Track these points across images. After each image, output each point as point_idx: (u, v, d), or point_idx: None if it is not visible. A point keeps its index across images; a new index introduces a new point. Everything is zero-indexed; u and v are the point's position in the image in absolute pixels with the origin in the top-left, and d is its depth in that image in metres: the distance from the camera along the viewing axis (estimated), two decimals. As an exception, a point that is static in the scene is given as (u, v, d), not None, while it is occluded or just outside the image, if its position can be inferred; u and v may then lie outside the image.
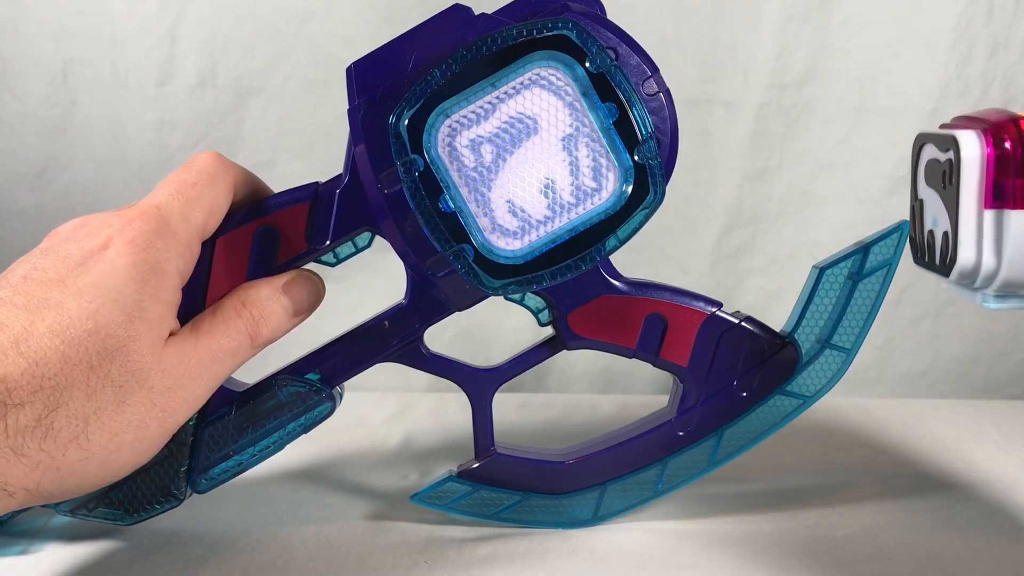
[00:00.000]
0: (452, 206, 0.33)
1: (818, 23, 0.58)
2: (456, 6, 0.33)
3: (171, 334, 0.32)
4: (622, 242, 0.33)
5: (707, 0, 0.57)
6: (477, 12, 0.33)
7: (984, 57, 0.59)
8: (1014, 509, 0.41)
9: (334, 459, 0.36)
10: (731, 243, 0.62)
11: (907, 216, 0.37)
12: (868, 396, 0.62)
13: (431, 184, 0.32)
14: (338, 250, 0.36)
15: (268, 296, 0.34)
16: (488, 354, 0.60)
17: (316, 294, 0.36)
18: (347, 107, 0.33)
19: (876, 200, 0.61)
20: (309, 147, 0.59)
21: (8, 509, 0.29)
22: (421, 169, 0.32)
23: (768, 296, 0.62)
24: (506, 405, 0.56)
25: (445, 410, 0.56)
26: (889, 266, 0.37)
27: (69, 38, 0.55)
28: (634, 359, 0.38)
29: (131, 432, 0.30)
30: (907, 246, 0.36)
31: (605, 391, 0.63)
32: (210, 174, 0.33)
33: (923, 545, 0.37)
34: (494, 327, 0.61)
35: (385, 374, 0.45)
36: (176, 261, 0.32)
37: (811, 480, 0.45)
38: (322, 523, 0.40)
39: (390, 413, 0.55)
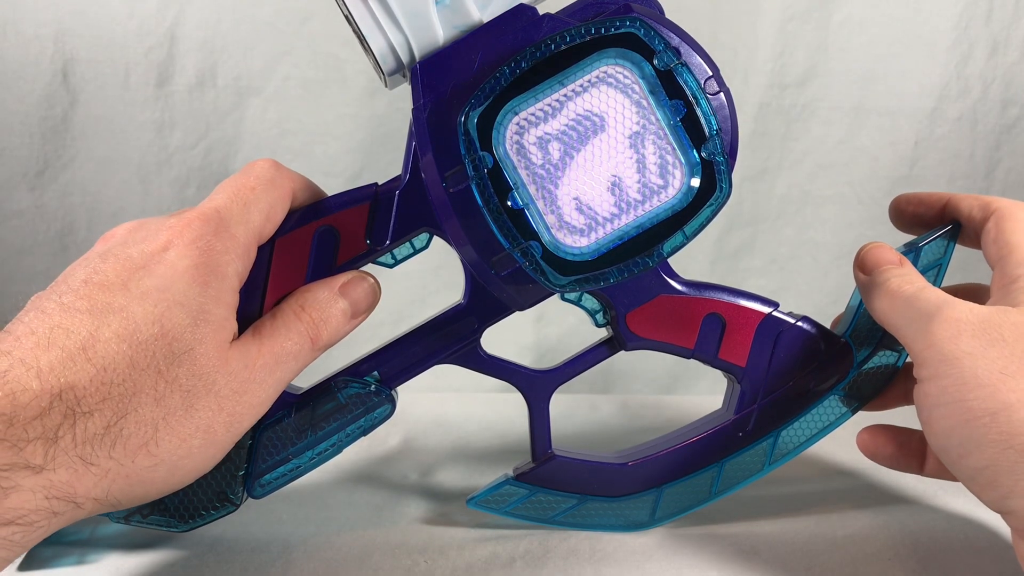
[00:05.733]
0: (521, 203, 0.33)
1: (818, 23, 0.58)
2: (521, 6, 0.33)
3: (233, 337, 0.31)
4: (688, 238, 0.33)
5: (707, 0, 0.57)
6: (541, 12, 0.33)
7: (984, 57, 0.59)
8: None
9: (334, 459, 0.36)
10: (731, 243, 0.62)
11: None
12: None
13: (499, 181, 0.32)
14: (396, 251, 0.36)
15: (326, 299, 0.34)
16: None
17: (373, 295, 0.35)
18: (412, 106, 0.33)
19: (876, 200, 0.61)
20: (309, 147, 0.59)
21: (75, 519, 0.28)
22: (490, 166, 0.32)
23: (768, 296, 0.62)
24: (506, 405, 0.56)
25: (445, 410, 0.56)
26: (940, 266, 0.37)
27: (69, 38, 0.55)
28: (692, 359, 0.38)
29: (199, 437, 0.30)
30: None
31: (605, 391, 0.63)
32: (268, 179, 0.33)
33: (923, 545, 0.37)
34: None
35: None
36: (235, 263, 0.31)
37: (811, 480, 0.45)
38: (322, 523, 0.40)
39: (390, 413, 0.55)
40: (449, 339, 0.37)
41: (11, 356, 0.27)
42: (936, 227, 0.37)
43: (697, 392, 0.64)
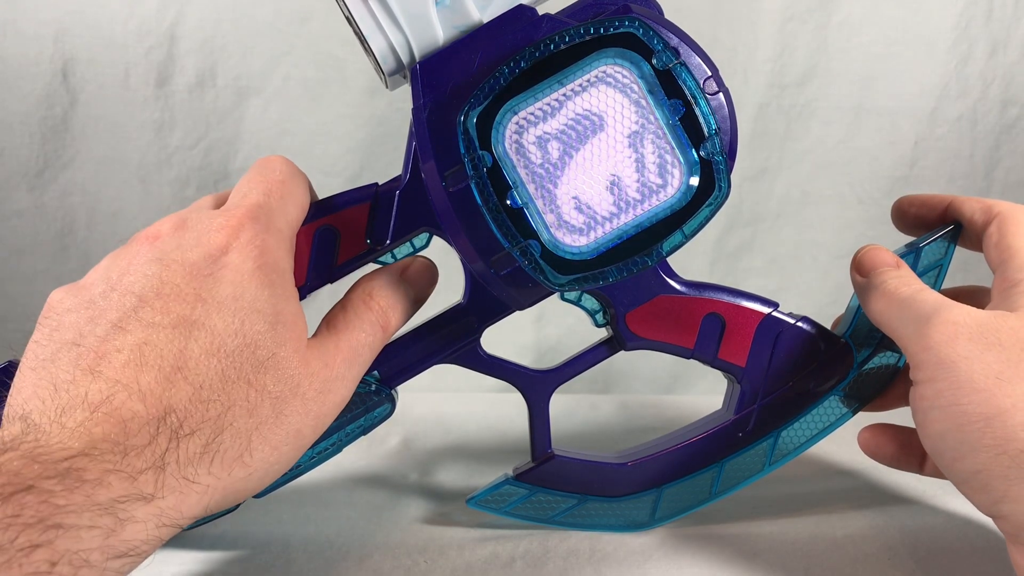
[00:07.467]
0: (520, 202, 0.33)
1: (818, 23, 0.58)
2: (520, 6, 0.33)
3: (306, 331, 0.31)
4: (687, 238, 0.33)
5: (707, 0, 0.57)
6: (540, 12, 0.33)
7: (984, 57, 0.59)
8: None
9: (333, 459, 0.36)
10: (731, 243, 0.62)
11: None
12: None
13: (499, 180, 0.32)
14: (396, 251, 0.36)
15: (392, 285, 0.34)
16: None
17: (433, 279, 0.35)
18: (411, 106, 0.33)
19: (876, 200, 0.61)
20: (309, 147, 0.59)
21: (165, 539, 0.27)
22: (489, 165, 0.32)
23: (768, 296, 0.62)
24: (506, 405, 0.56)
25: (444, 410, 0.56)
26: (940, 267, 0.37)
27: (69, 38, 0.55)
28: (692, 359, 0.38)
29: (289, 444, 0.29)
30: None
31: (605, 391, 0.63)
32: (291, 173, 0.33)
33: (922, 545, 0.37)
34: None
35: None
36: (288, 258, 0.31)
37: (811, 480, 0.45)
38: (322, 523, 0.40)
39: (390, 413, 0.55)
40: (449, 339, 0.37)
41: (104, 376, 0.26)
42: (937, 228, 0.37)
43: (697, 392, 0.64)
